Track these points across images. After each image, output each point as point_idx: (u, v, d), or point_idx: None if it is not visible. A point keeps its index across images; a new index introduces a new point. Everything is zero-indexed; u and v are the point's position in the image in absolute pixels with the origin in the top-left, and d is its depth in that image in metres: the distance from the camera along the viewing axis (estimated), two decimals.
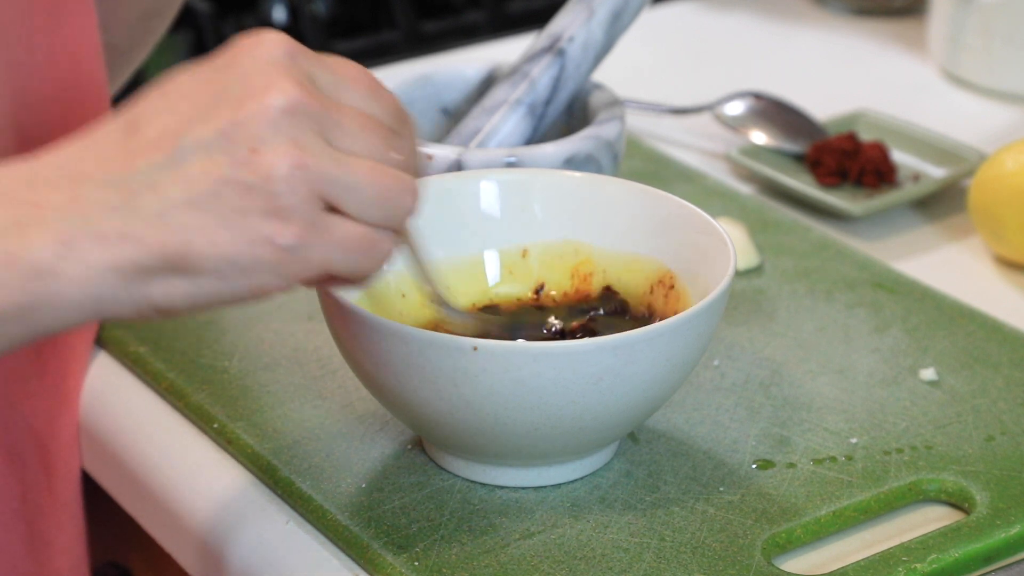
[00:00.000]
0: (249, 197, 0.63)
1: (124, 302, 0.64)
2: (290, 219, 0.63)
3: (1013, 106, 1.20)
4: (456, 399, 0.73)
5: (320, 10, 1.34)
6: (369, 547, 0.75)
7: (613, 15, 0.92)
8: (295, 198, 0.63)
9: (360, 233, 0.65)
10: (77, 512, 0.89)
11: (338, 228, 0.65)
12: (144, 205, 0.63)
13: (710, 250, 0.80)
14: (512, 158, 0.87)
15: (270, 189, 0.63)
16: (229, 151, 0.63)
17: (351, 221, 0.65)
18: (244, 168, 0.63)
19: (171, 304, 0.64)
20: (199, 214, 0.63)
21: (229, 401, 0.84)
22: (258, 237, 0.63)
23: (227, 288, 0.64)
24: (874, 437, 0.82)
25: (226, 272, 0.64)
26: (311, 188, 0.63)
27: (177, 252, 0.63)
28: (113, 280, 0.63)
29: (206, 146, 0.63)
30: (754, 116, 1.13)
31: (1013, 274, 0.99)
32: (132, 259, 0.63)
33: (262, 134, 0.63)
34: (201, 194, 0.63)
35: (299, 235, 0.64)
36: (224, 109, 0.63)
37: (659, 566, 0.74)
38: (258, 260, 0.64)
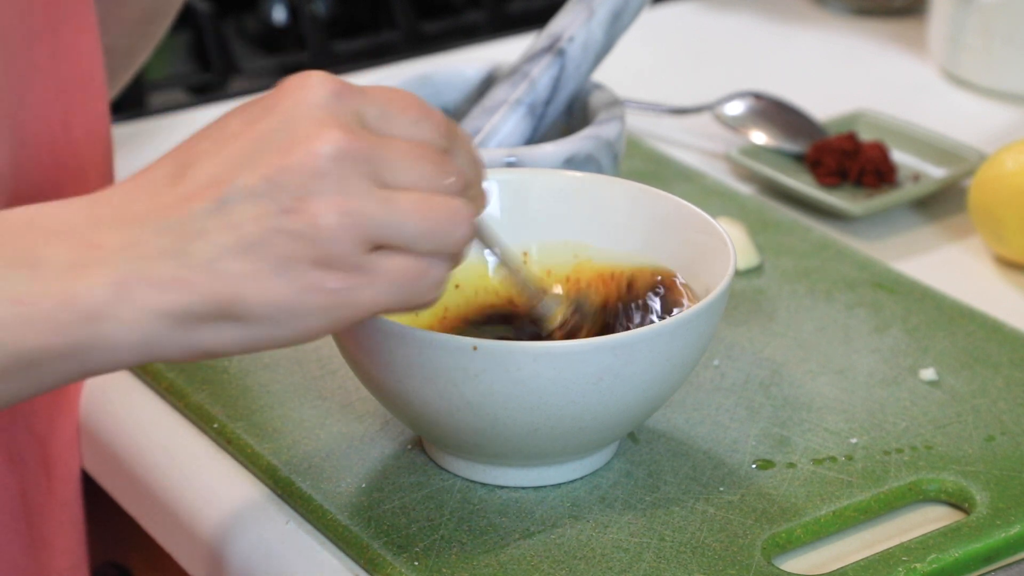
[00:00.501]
0: (297, 245, 0.64)
1: (174, 346, 0.64)
2: (339, 264, 0.64)
3: (1013, 106, 1.20)
4: (456, 399, 0.73)
5: (320, 10, 1.34)
6: (369, 547, 0.75)
7: (613, 15, 0.92)
8: (342, 245, 0.64)
9: (408, 266, 0.66)
10: (77, 512, 0.89)
11: (386, 266, 0.65)
12: (195, 252, 0.63)
13: (710, 250, 0.80)
14: (512, 158, 0.87)
15: (318, 237, 0.64)
16: (277, 199, 0.64)
17: (400, 255, 0.65)
18: (292, 217, 0.63)
19: (222, 349, 0.65)
20: (248, 261, 0.64)
21: (229, 401, 0.84)
22: (307, 284, 0.64)
23: (277, 333, 0.65)
24: (874, 437, 0.82)
25: (277, 319, 0.65)
26: (358, 234, 0.64)
27: (228, 300, 0.64)
28: (165, 325, 0.64)
29: (254, 193, 0.64)
30: (754, 116, 1.13)
31: (1013, 274, 0.99)
32: (184, 306, 0.64)
33: (309, 182, 0.64)
34: (250, 241, 0.63)
35: (347, 280, 0.64)
36: (271, 156, 0.64)
37: (659, 566, 0.74)
38: (308, 306, 0.64)
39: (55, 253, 0.63)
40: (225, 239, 0.63)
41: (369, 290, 0.65)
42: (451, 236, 0.66)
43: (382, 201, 0.65)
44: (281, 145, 0.64)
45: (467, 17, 1.37)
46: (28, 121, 0.80)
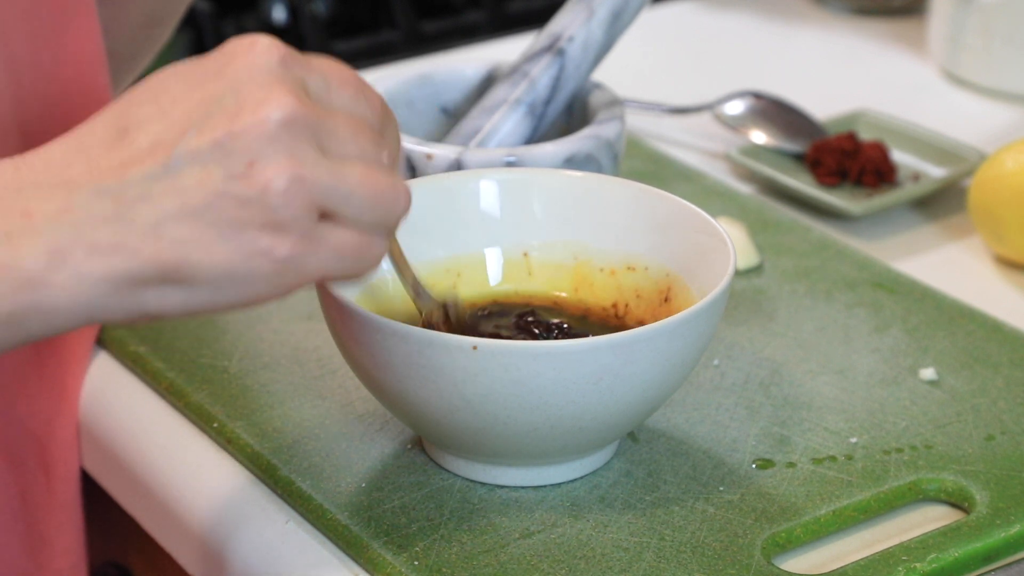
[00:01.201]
0: (246, 210, 0.63)
1: (116, 310, 0.63)
2: (287, 232, 0.63)
3: (1013, 106, 1.20)
4: (456, 399, 0.73)
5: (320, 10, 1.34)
6: (369, 547, 0.75)
7: (613, 15, 0.92)
8: (292, 211, 0.63)
9: (354, 238, 0.65)
10: (76, 512, 0.89)
11: (333, 235, 0.65)
12: (138, 216, 0.62)
13: (710, 250, 0.80)
14: (512, 158, 0.87)
15: (267, 203, 0.63)
16: (225, 164, 0.63)
17: (345, 227, 0.65)
18: (241, 181, 0.63)
19: (164, 312, 0.64)
20: (195, 226, 0.63)
21: (229, 401, 0.84)
22: (255, 250, 0.63)
23: (221, 298, 0.64)
24: (874, 437, 0.82)
25: (222, 283, 0.64)
26: (308, 200, 0.63)
27: (173, 264, 0.63)
28: (106, 290, 0.63)
29: (201, 157, 0.63)
30: (754, 116, 1.13)
31: (1013, 274, 0.99)
32: (126, 270, 0.63)
33: (259, 148, 0.63)
34: (197, 206, 0.63)
35: (296, 247, 0.64)
36: (219, 119, 0.63)
37: (659, 565, 0.74)
38: (254, 272, 0.64)
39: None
40: (171, 204, 0.62)
41: (314, 258, 0.64)
42: (393, 210, 0.66)
43: (331, 170, 0.64)
44: (230, 109, 0.63)
45: (467, 17, 1.37)
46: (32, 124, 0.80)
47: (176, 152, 0.63)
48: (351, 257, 0.65)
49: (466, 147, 0.89)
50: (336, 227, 0.65)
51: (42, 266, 0.62)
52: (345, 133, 0.65)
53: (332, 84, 0.66)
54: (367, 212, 0.65)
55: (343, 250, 0.65)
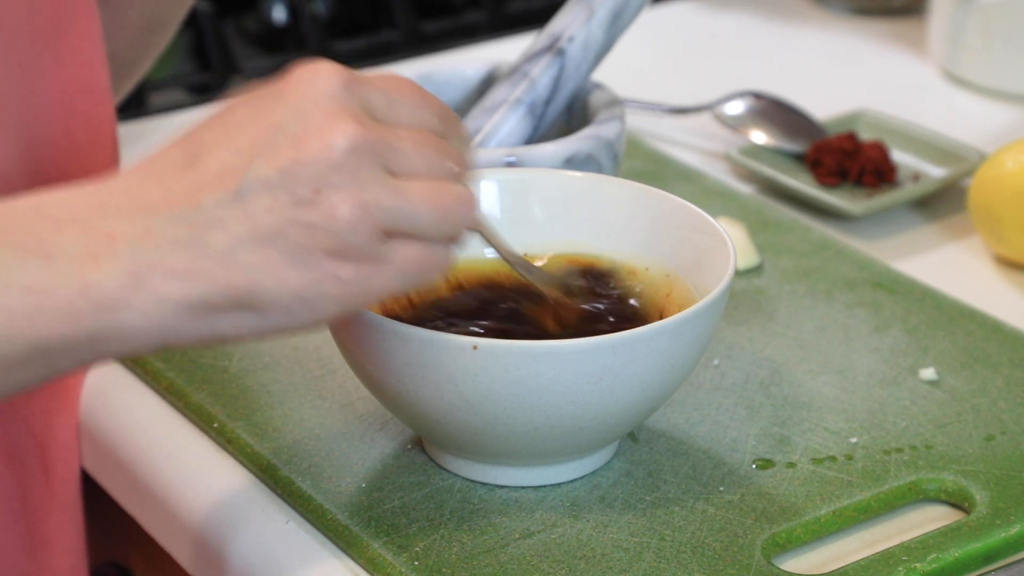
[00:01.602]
0: (313, 236, 0.64)
1: (191, 333, 0.65)
2: (354, 256, 0.65)
3: (1013, 106, 1.20)
4: (456, 399, 0.73)
5: (320, 10, 1.34)
6: (369, 547, 0.75)
7: (613, 15, 0.92)
8: (358, 236, 0.65)
9: (419, 253, 0.67)
10: (77, 512, 0.89)
11: (399, 253, 0.67)
12: (211, 242, 0.64)
13: (710, 250, 0.80)
14: (512, 158, 0.87)
15: (334, 229, 0.65)
16: (292, 191, 0.64)
17: (410, 243, 0.67)
18: (308, 208, 0.64)
19: (238, 336, 0.66)
20: (265, 252, 0.64)
21: (229, 401, 0.84)
22: (323, 274, 0.65)
23: (292, 321, 0.66)
24: (874, 437, 0.82)
25: (292, 307, 0.65)
26: (373, 224, 0.65)
27: (245, 290, 0.64)
28: (182, 314, 0.64)
29: (269, 184, 0.64)
30: (754, 116, 1.13)
31: (1013, 274, 0.99)
32: (201, 295, 0.64)
33: (325, 175, 0.64)
34: (266, 232, 0.64)
35: (362, 269, 0.66)
36: (285, 147, 0.65)
37: (659, 566, 0.74)
38: (323, 295, 0.65)
39: (68, 242, 0.63)
40: (241, 230, 0.64)
41: (381, 278, 0.66)
42: (459, 221, 0.68)
43: (395, 191, 0.66)
44: (295, 136, 0.65)
45: (467, 17, 1.37)
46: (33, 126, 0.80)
47: (244, 178, 0.64)
48: (417, 271, 0.67)
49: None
50: (402, 244, 0.67)
51: (123, 288, 0.63)
52: (409, 148, 0.67)
53: (393, 98, 0.68)
54: (432, 227, 0.67)
55: (409, 266, 0.67)
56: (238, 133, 0.65)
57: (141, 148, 1.12)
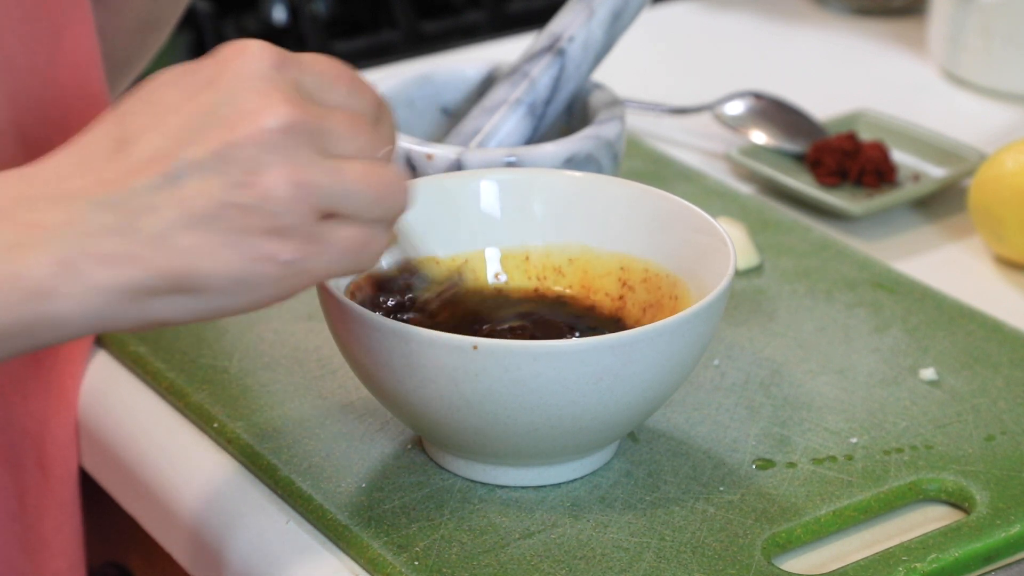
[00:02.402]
0: (249, 217, 0.64)
1: (125, 318, 0.65)
2: (291, 236, 0.65)
3: (1013, 106, 1.20)
4: (456, 399, 0.73)
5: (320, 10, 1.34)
6: (369, 547, 0.75)
7: (613, 15, 0.92)
8: (294, 216, 0.64)
9: (357, 234, 0.66)
10: (75, 513, 0.89)
11: (336, 234, 0.66)
12: (144, 227, 0.63)
13: (710, 250, 0.80)
14: (512, 158, 0.87)
15: (270, 209, 0.64)
16: (226, 173, 0.64)
17: (348, 224, 0.66)
18: (243, 190, 0.64)
19: (174, 319, 0.66)
20: (201, 235, 0.64)
21: (229, 401, 0.84)
22: (260, 255, 0.64)
23: (230, 303, 0.65)
24: (874, 437, 0.82)
25: (230, 289, 0.65)
26: (309, 203, 0.64)
27: (182, 273, 0.64)
28: (115, 299, 0.64)
29: (202, 168, 0.64)
30: (754, 116, 1.13)
31: (1013, 274, 0.99)
32: (136, 280, 0.64)
33: (258, 156, 0.64)
34: (201, 216, 0.64)
35: (300, 249, 0.65)
36: (218, 129, 0.64)
37: (659, 566, 0.74)
38: (261, 276, 0.65)
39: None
40: (175, 214, 0.63)
41: (320, 259, 0.66)
42: (395, 203, 0.67)
43: (331, 171, 0.65)
44: (227, 118, 0.64)
45: (467, 17, 1.37)
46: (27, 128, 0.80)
47: (176, 163, 0.64)
48: (356, 253, 0.66)
49: (466, 147, 0.89)
50: (339, 225, 0.66)
51: (51, 277, 0.63)
52: (343, 131, 0.66)
53: (326, 81, 0.67)
54: (369, 208, 0.66)
55: (347, 247, 0.66)
56: (168, 116, 0.65)
57: None
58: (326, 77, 0.67)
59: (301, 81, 0.66)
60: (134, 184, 0.63)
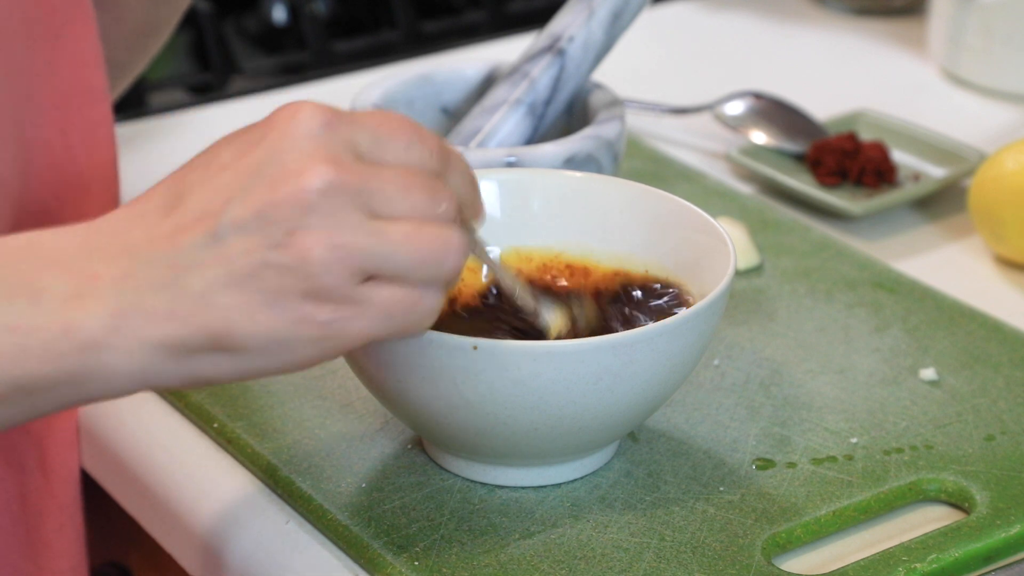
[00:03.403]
0: (287, 278, 0.64)
1: (171, 375, 0.65)
2: (329, 298, 0.65)
3: (1013, 106, 1.20)
4: (456, 399, 0.73)
5: (320, 10, 1.34)
6: (369, 547, 0.75)
7: (613, 15, 0.92)
8: (333, 278, 0.64)
9: (401, 297, 0.66)
10: (76, 514, 0.89)
11: (378, 296, 0.66)
12: (188, 284, 0.64)
13: (710, 250, 0.80)
14: (512, 158, 0.87)
15: (307, 271, 0.64)
16: (266, 233, 0.64)
17: (392, 285, 0.66)
18: (281, 251, 0.64)
19: (218, 377, 0.66)
20: (240, 295, 0.64)
21: (229, 401, 0.84)
22: (298, 316, 0.65)
23: (270, 363, 0.66)
24: (874, 437, 0.82)
25: (268, 349, 0.65)
26: (348, 266, 0.65)
27: (220, 332, 0.64)
28: (161, 355, 0.64)
29: (244, 227, 0.64)
30: (754, 116, 1.13)
31: (1013, 274, 0.99)
32: (178, 337, 0.64)
33: (298, 217, 0.64)
34: (241, 275, 0.64)
35: (338, 311, 0.65)
36: (260, 189, 0.64)
37: (659, 566, 0.74)
38: (299, 337, 0.65)
39: (54, 282, 0.64)
40: (216, 272, 0.64)
41: (360, 321, 0.66)
42: (443, 266, 0.67)
43: (372, 233, 0.65)
44: (270, 178, 0.64)
45: (467, 17, 1.37)
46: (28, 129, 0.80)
47: (221, 221, 0.64)
48: (399, 315, 0.66)
49: (466, 147, 0.89)
50: (382, 287, 0.66)
51: (105, 329, 0.64)
52: (394, 191, 0.66)
53: (382, 138, 0.67)
54: (413, 270, 0.66)
55: (390, 309, 0.66)
56: (219, 174, 0.65)
57: (141, 148, 1.12)
58: (383, 133, 0.67)
59: (354, 140, 0.66)
60: (182, 240, 0.64)
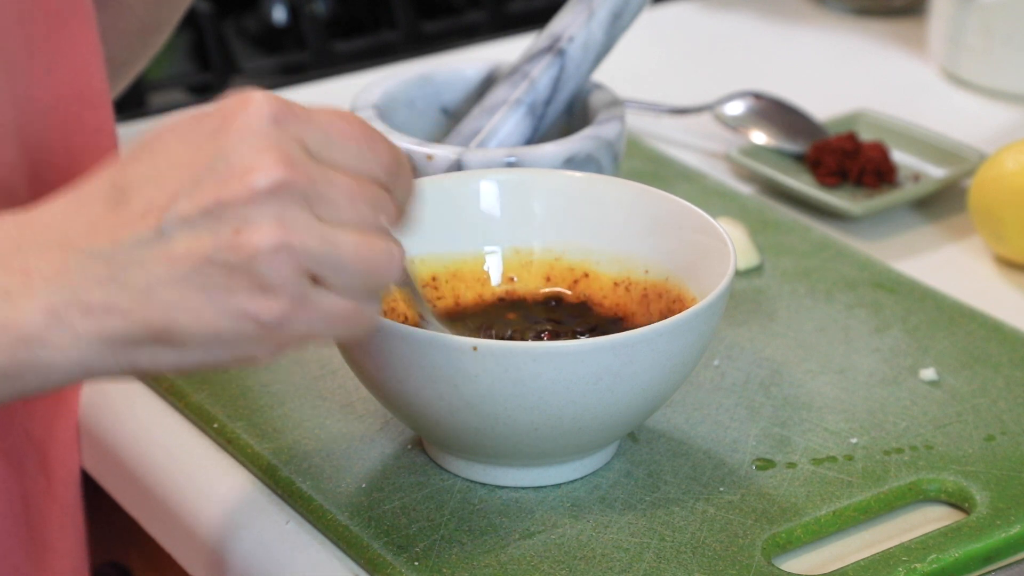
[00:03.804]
0: (233, 276, 0.64)
1: (111, 367, 0.65)
2: (274, 296, 0.64)
3: (1013, 106, 1.20)
4: (456, 399, 0.73)
5: (320, 10, 1.34)
6: (369, 547, 0.75)
7: (613, 15, 0.92)
8: (279, 277, 0.64)
9: (344, 305, 0.66)
10: (77, 515, 0.89)
11: (323, 301, 0.65)
12: (130, 280, 0.64)
13: (710, 250, 0.80)
14: (512, 158, 0.87)
15: (254, 269, 0.64)
16: (213, 230, 0.63)
17: (335, 294, 0.65)
18: (228, 249, 0.63)
19: (157, 369, 0.66)
20: (184, 291, 0.64)
21: (229, 401, 0.84)
22: (242, 314, 0.64)
23: (212, 357, 0.65)
24: (874, 437, 0.82)
25: (211, 344, 0.65)
26: (295, 266, 0.64)
27: (162, 327, 0.64)
28: (100, 349, 0.64)
29: (191, 224, 0.63)
30: (754, 116, 1.13)
31: (1013, 274, 0.99)
32: (118, 331, 0.64)
33: (246, 215, 0.63)
34: (186, 272, 0.64)
35: (283, 311, 0.64)
36: (208, 185, 0.64)
37: (659, 566, 0.74)
38: (242, 334, 0.65)
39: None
40: (160, 268, 0.64)
41: (303, 321, 0.65)
42: (383, 278, 0.66)
43: (321, 236, 0.64)
44: (218, 175, 0.64)
45: (467, 17, 1.37)
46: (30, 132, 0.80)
47: (167, 217, 0.64)
48: (341, 323, 0.66)
49: (466, 148, 0.89)
50: (327, 293, 0.65)
51: (39, 324, 0.63)
52: (340, 197, 0.65)
53: (334, 138, 0.66)
54: (357, 280, 0.66)
55: (333, 316, 0.66)
56: (165, 168, 0.64)
57: None
58: (335, 134, 0.66)
59: (304, 137, 0.65)
60: (125, 237, 0.64)
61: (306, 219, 0.64)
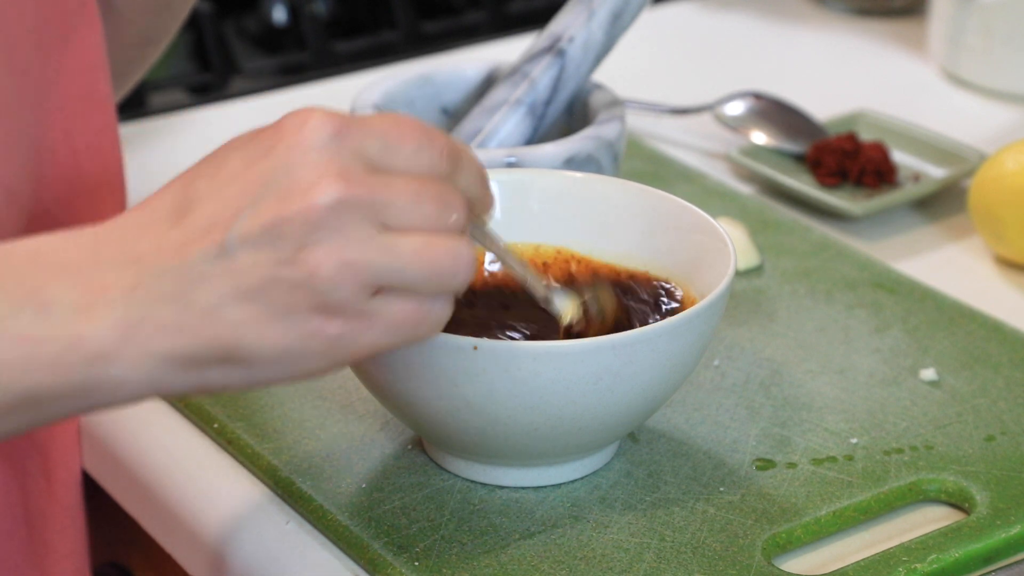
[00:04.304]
0: (297, 294, 0.64)
1: (180, 386, 0.65)
2: (338, 312, 0.65)
3: (1013, 106, 1.20)
4: (456, 399, 0.73)
5: (320, 10, 1.34)
6: (369, 547, 0.75)
7: (613, 15, 0.92)
8: (342, 293, 0.64)
9: (410, 310, 0.66)
10: (78, 516, 0.89)
11: (388, 309, 0.66)
12: (197, 298, 0.64)
13: (710, 250, 0.80)
14: (512, 158, 0.87)
15: (316, 287, 0.64)
16: (276, 248, 0.64)
17: (401, 298, 0.66)
18: (290, 266, 0.64)
19: (226, 388, 0.66)
20: (249, 309, 0.64)
21: (229, 401, 0.84)
22: (307, 331, 0.65)
23: (279, 374, 0.66)
24: (874, 437, 0.82)
25: (278, 362, 0.65)
26: (357, 282, 0.64)
27: (229, 345, 0.64)
28: (169, 367, 0.64)
29: (253, 241, 0.64)
30: (754, 116, 1.13)
31: (1013, 274, 0.99)
32: (188, 350, 0.64)
33: (308, 233, 0.64)
34: (250, 289, 0.64)
35: (348, 327, 0.65)
36: (270, 202, 0.64)
37: (659, 566, 0.74)
38: (308, 350, 0.65)
39: (61, 292, 0.63)
40: (225, 286, 0.64)
41: (369, 334, 0.66)
42: (453, 278, 0.67)
43: (382, 248, 0.65)
44: (280, 192, 0.64)
45: (467, 17, 1.37)
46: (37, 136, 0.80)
47: (230, 234, 0.64)
48: (408, 327, 0.66)
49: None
50: (392, 300, 0.66)
51: (112, 341, 0.63)
52: (403, 201, 0.65)
53: (391, 143, 0.66)
54: (423, 283, 0.66)
55: (399, 321, 0.66)
56: (228, 184, 0.65)
57: (142, 148, 1.12)
58: (391, 138, 0.66)
59: (363, 148, 0.65)
60: (190, 253, 0.64)
61: (367, 233, 0.64)
